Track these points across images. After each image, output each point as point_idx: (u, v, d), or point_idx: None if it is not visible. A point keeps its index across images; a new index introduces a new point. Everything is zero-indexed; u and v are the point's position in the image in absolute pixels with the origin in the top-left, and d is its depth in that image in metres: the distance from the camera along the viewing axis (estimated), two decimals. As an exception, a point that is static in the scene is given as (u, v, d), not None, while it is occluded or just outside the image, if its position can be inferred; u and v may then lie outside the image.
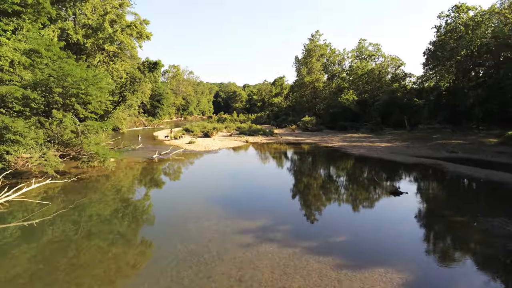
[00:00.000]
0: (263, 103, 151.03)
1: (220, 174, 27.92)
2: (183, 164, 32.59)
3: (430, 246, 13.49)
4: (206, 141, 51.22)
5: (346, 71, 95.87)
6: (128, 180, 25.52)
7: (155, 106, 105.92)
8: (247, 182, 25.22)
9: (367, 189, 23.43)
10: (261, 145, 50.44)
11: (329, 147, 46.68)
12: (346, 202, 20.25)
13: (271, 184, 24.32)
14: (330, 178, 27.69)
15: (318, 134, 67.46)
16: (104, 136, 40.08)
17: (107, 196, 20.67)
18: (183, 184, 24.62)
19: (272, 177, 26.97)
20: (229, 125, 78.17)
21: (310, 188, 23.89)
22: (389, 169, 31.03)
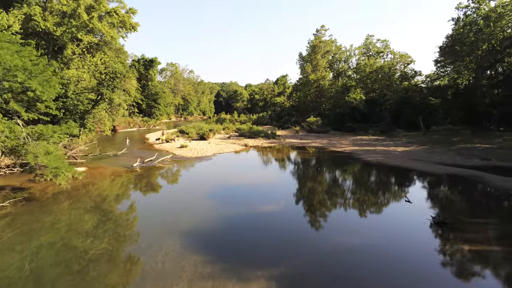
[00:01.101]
0: (265, 103, 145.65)
1: (207, 192, 21.70)
2: (165, 176, 27.31)
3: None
4: (200, 145, 45.90)
5: (353, 69, 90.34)
6: (87, 202, 20.16)
7: (151, 105, 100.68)
8: (238, 207, 18.30)
9: (401, 216, 17.85)
10: (262, 149, 45.09)
11: (339, 152, 41.26)
12: (380, 241, 14.64)
13: (271, 212, 17.87)
14: (351, 201, 21.58)
15: (324, 136, 62.04)
16: (81, 141, 34.97)
17: (43, 234, 15.34)
18: (157, 208, 19.02)
19: (273, 199, 20.22)
20: (228, 126, 72.80)
21: (327, 217, 18.05)
22: (418, 182, 25.66)
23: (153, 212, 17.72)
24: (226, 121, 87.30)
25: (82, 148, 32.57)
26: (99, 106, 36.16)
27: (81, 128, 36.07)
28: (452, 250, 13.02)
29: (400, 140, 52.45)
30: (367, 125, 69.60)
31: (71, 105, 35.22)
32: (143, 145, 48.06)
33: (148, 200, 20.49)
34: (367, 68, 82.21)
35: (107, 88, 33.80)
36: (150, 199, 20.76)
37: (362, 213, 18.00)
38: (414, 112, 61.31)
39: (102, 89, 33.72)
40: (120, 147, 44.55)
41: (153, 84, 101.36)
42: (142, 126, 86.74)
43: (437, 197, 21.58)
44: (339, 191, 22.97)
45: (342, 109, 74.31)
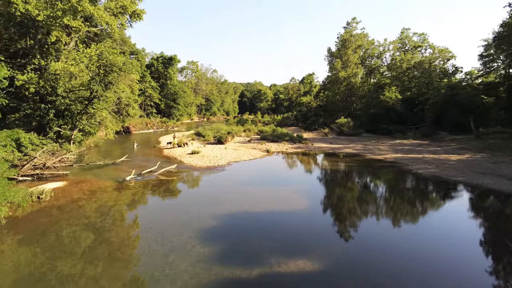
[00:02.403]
0: (290, 103, 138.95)
1: (201, 234, 13.88)
2: (156, 198, 21.27)
3: None
4: (216, 150, 39.94)
5: (387, 65, 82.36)
6: (32, 238, 14.43)
7: (170, 106, 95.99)
8: (245, 264, 11.30)
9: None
10: (286, 156, 38.67)
11: (380, 161, 34.29)
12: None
13: (301, 277, 10.80)
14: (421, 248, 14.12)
15: (357, 139, 54.82)
16: (74, 147, 29.75)
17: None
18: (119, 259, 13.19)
19: (300, 248, 12.62)
20: (249, 128, 66.64)
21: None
22: (506, 212, 18.61)
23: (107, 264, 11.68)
24: (248, 122, 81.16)
25: (63, 158, 27.04)
26: (95, 105, 30.78)
27: (72, 132, 30.85)
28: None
29: (448, 145, 44.75)
30: (404, 127, 61.88)
31: (62, 105, 30.01)
32: (151, 150, 42.63)
33: (116, 244, 14.56)
34: (404, 64, 74.31)
35: (99, 84, 28.36)
36: (118, 243, 14.81)
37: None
38: (462, 112, 53.17)
39: (94, 85, 28.28)
40: (125, 153, 39.40)
41: (172, 83, 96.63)
42: (160, 128, 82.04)
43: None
44: (404, 234, 15.81)
45: (376, 109, 66.71)
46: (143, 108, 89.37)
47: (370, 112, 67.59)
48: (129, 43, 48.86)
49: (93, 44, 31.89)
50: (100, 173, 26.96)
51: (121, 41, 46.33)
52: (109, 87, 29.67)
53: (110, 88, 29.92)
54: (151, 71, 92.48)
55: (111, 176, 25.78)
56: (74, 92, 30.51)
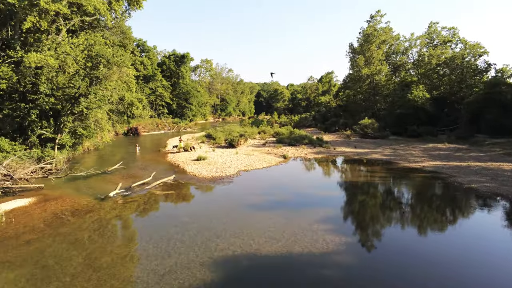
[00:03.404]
0: (308, 103, 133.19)
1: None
2: (139, 224, 16.64)
3: None
4: (225, 155, 35.26)
5: (414, 62, 76.10)
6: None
7: (182, 105, 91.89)
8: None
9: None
10: (305, 164, 33.72)
11: (418, 170, 28.96)
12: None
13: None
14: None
15: (383, 143, 49.29)
16: (59, 154, 25.63)
17: None
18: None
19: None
20: (264, 129, 61.71)
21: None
22: None
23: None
24: (263, 123, 76.15)
25: (37, 168, 22.75)
26: (84, 103, 26.43)
27: (56, 135, 26.63)
28: None
29: (491, 150, 38.95)
30: (435, 129, 55.95)
31: (45, 104, 25.83)
32: (154, 154, 38.29)
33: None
34: (433, 60, 67.95)
35: (84, 79, 24.06)
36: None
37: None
38: (505, 112, 47.07)
39: (76, 81, 23.97)
40: (126, 157, 35.27)
41: (185, 82, 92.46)
42: (171, 129, 77.94)
43: None
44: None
45: (402, 109, 60.88)
46: (154, 108, 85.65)
47: (397, 113, 61.91)
48: (130, 36, 44.71)
49: (82, 33, 27.54)
50: (83, 185, 22.64)
51: (120, 33, 42.32)
52: (97, 82, 25.33)
53: (99, 84, 25.58)
54: (163, 69, 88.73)
55: (95, 189, 21.39)
56: (63, 89, 26.27)
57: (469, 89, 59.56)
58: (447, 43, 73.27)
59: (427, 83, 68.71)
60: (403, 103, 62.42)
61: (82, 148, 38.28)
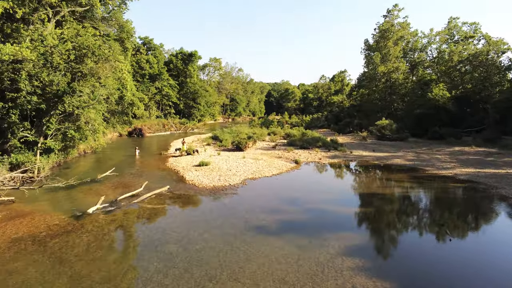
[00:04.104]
0: (320, 102, 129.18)
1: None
2: (118, 249, 13.48)
3: None
4: (231, 160, 31.98)
5: (433, 59, 71.73)
6: None
7: (190, 105, 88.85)
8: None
9: None
10: (320, 170, 30.26)
11: (449, 178, 25.27)
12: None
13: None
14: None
15: (403, 145, 45.41)
16: (42, 160, 22.69)
17: None
18: None
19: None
20: (274, 130, 58.25)
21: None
22: None
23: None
24: (274, 124, 72.62)
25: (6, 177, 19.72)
26: (69, 102, 23.33)
27: (39, 138, 23.61)
28: None
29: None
30: (459, 130, 51.77)
31: (27, 103, 22.84)
32: (154, 158, 35.17)
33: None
34: (455, 57, 63.62)
35: (65, 74, 21.03)
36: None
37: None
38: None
39: (54, 76, 20.90)
40: (124, 161, 32.37)
41: (193, 81, 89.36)
42: (178, 129, 74.93)
43: None
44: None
45: (422, 109, 56.78)
46: (160, 108, 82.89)
47: (416, 113, 57.86)
48: (129, 29, 41.71)
49: (67, 24, 24.42)
50: (64, 198, 19.57)
51: (118, 26, 39.42)
52: (81, 78, 22.24)
53: (84, 80, 22.49)
54: (170, 68, 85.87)
55: (75, 203, 18.30)
56: (44, 87, 23.23)
57: (494, 87, 55.30)
58: (468, 39, 68.92)
59: (447, 81, 64.47)
60: (422, 103, 58.44)
61: (77, 151, 35.50)
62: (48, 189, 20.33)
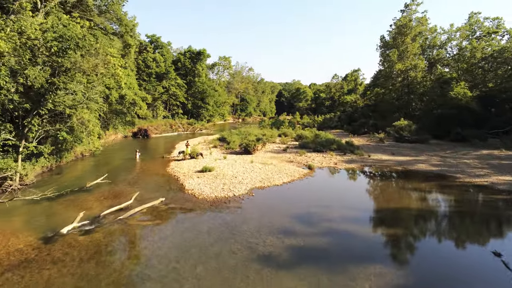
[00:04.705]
0: (332, 102, 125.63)
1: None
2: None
3: None
4: (238, 165, 29.09)
5: (453, 56, 67.75)
6: None
7: (198, 105, 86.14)
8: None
9: None
10: (336, 177, 27.17)
11: (486, 188, 22.01)
12: None
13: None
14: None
15: (424, 148, 41.98)
16: (23, 166, 20.19)
17: None
18: None
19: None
20: (285, 131, 55.20)
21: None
22: None
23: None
24: (285, 125, 69.51)
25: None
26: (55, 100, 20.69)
27: (20, 141, 21.02)
28: None
29: None
30: (484, 131, 47.99)
31: (8, 102, 20.27)
32: (155, 162, 32.45)
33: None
34: (478, 54, 59.73)
35: (43, 69, 18.38)
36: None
37: None
38: None
39: (30, 71, 18.22)
40: (124, 165, 29.80)
41: (201, 80, 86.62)
42: (186, 130, 72.34)
43: None
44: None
45: (443, 109, 53.07)
46: (167, 108, 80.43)
47: (436, 113, 54.11)
48: (127, 22, 39.01)
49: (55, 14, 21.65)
50: (40, 211, 16.93)
51: (116, 19, 36.87)
52: (62, 73, 19.58)
53: (66, 75, 19.81)
54: (178, 67, 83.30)
55: (51, 219, 15.68)
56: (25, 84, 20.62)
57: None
58: (491, 34, 64.93)
59: (468, 79, 60.58)
60: (443, 102, 54.78)
61: (74, 154, 33.07)
62: (28, 201, 17.73)
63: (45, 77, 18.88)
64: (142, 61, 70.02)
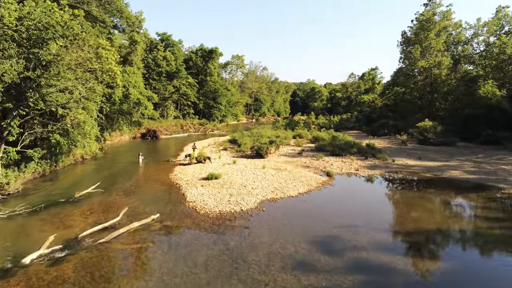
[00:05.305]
0: (349, 102, 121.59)
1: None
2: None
3: None
4: (248, 171, 26.23)
5: (482, 52, 63.34)
6: None
7: (210, 105, 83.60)
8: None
9: None
10: (359, 187, 24.03)
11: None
12: None
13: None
14: None
15: (453, 151, 38.35)
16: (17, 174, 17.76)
17: None
18: None
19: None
20: (301, 132, 52.06)
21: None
22: None
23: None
24: (299, 125, 66.32)
25: None
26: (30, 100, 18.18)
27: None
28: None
29: None
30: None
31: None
32: (159, 167, 29.86)
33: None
34: (508, 49, 55.44)
35: (18, 62, 15.85)
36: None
37: None
38: None
39: (3, 63, 15.69)
40: (116, 174, 27.26)
41: (213, 79, 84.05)
42: (197, 131, 69.88)
43: None
44: None
45: (471, 108, 49.12)
46: (178, 108, 78.16)
47: (464, 113, 50.21)
48: (128, 15, 36.49)
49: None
50: (11, 229, 14.44)
51: (116, 11, 34.49)
52: (40, 66, 17.03)
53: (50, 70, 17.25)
54: (189, 65, 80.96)
55: (20, 241, 13.14)
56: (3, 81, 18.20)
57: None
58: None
59: (496, 77, 56.28)
60: (470, 102, 50.76)
61: (73, 157, 30.83)
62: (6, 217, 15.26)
63: (18, 71, 16.33)
64: (152, 59, 67.84)
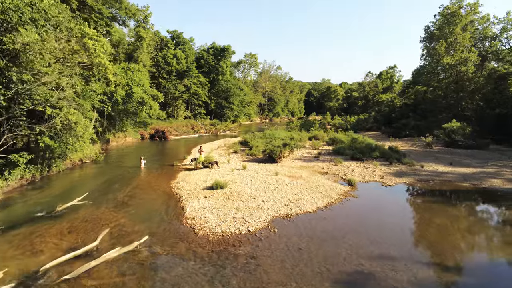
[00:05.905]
0: (366, 101, 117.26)
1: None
2: None
3: None
4: (259, 178, 23.32)
5: (510, 49, 58.91)
6: None
7: (222, 105, 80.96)
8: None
9: None
10: (389, 200, 20.72)
11: None
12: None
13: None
14: None
15: (486, 155, 34.68)
16: None
17: None
18: None
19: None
20: (317, 134, 48.81)
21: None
22: None
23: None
24: (315, 126, 62.99)
25: None
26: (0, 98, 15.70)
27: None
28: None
29: None
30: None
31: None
32: (162, 172, 27.18)
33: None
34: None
35: None
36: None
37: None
38: None
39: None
40: (114, 180, 24.69)
41: (225, 78, 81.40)
42: (208, 131, 67.26)
43: None
44: None
45: (503, 108, 45.27)
46: (189, 108, 75.76)
47: (494, 113, 46.34)
48: (127, 5, 34.07)
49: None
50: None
51: (114, 1, 32.12)
52: (11, 58, 14.48)
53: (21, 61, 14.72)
54: (201, 64, 78.51)
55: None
56: None
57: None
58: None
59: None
60: (502, 101, 46.84)
61: (70, 161, 28.48)
62: None
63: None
64: (162, 58, 65.49)
